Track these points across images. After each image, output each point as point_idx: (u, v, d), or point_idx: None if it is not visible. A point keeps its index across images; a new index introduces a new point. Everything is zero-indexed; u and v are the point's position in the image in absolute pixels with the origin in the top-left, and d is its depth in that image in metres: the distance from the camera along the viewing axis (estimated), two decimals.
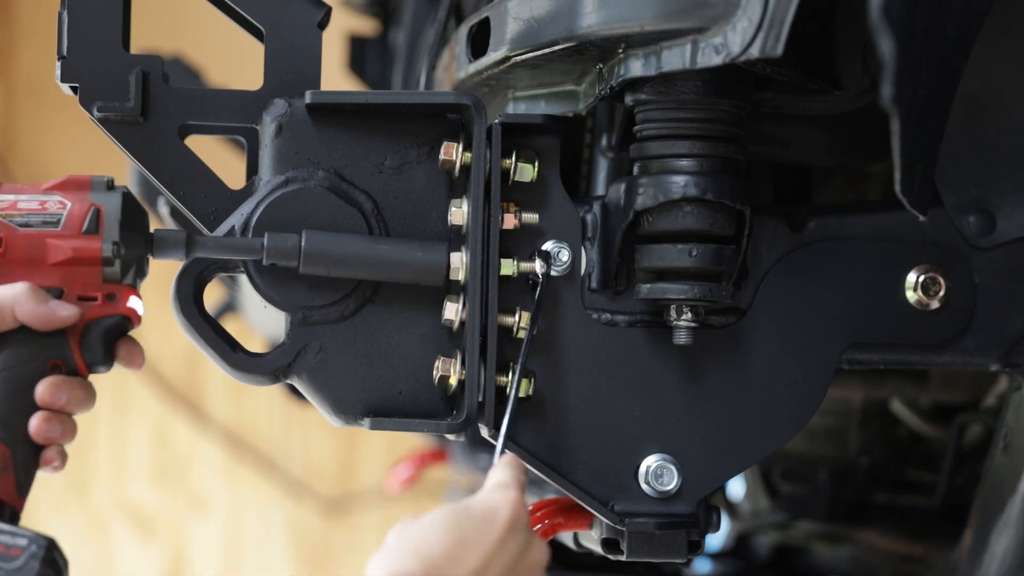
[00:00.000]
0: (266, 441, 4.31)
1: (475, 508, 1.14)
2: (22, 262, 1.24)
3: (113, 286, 1.26)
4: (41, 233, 1.24)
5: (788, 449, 2.17)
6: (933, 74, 1.20)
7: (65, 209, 1.24)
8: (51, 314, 1.23)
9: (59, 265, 1.24)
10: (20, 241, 1.24)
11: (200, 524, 4.26)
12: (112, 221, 1.25)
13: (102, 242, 1.24)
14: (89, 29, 1.32)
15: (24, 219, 1.24)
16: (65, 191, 1.26)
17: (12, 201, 1.24)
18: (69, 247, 1.24)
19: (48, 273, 1.24)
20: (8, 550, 1.19)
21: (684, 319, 1.33)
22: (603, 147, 1.60)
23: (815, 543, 2.35)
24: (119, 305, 1.27)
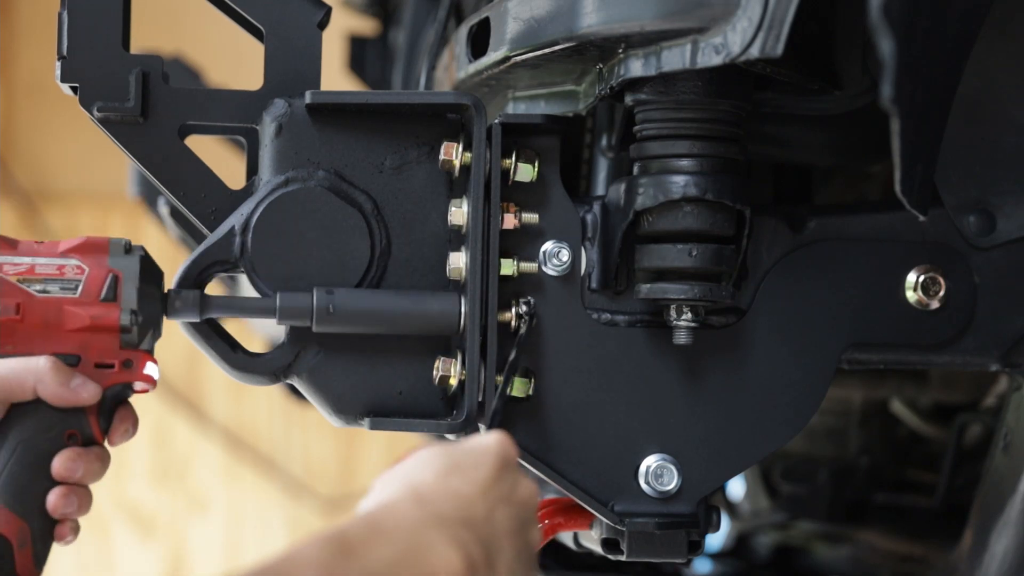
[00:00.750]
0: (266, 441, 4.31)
1: (464, 443, 1.10)
2: (39, 328, 1.22)
3: (130, 352, 1.25)
4: (59, 300, 1.23)
5: (788, 449, 2.17)
6: (933, 74, 1.20)
7: (83, 275, 1.23)
8: (74, 397, 1.23)
9: (76, 332, 1.23)
10: (38, 307, 1.22)
11: (200, 524, 4.27)
12: (130, 288, 1.24)
13: (120, 311, 1.23)
14: (89, 29, 1.32)
15: (42, 285, 1.22)
16: (83, 255, 1.24)
17: (29, 265, 1.23)
18: (87, 315, 1.23)
19: (65, 340, 1.23)
20: None
21: (684, 319, 1.33)
22: (603, 147, 1.60)
23: (815, 543, 2.36)
24: (136, 372, 1.26)
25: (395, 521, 0.97)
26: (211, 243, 1.32)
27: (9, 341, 1.22)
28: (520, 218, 1.34)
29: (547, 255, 1.36)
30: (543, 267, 1.36)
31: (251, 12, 1.35)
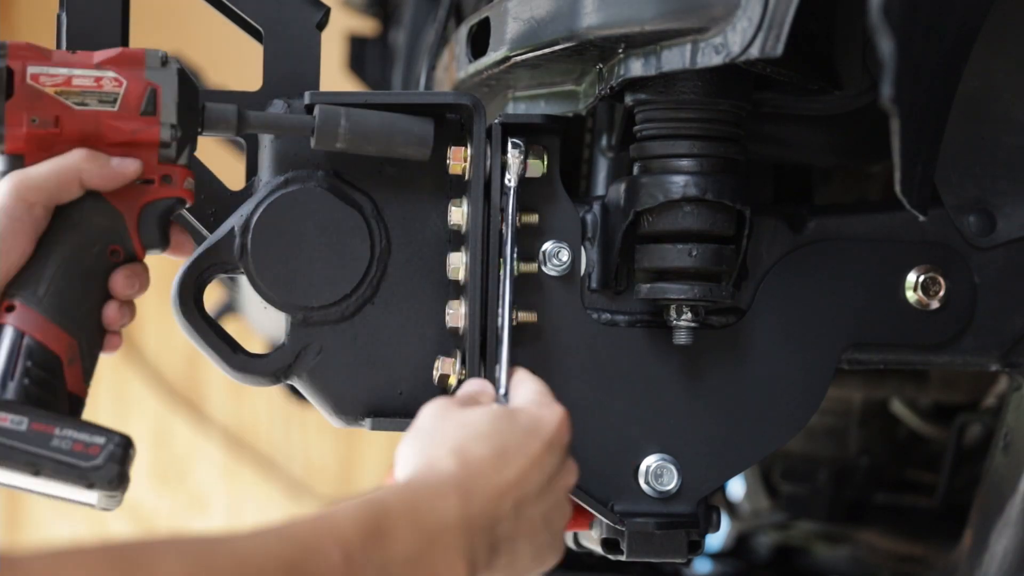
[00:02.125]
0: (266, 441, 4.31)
1: (521, 418, 1.11)
2: (77, 142, 1.20)
3: (169, 167, 1.24)
4: (97, 112, 1.20)
5: (788, 449, 2.17)
6: (933, 74, 1.20)
7: (121, 88, 1.20)
8: (119, 172, 1.21)
9: (115, 146, 1.21)
10: (76, 120, 1.20)
11: (200, 524, 4.26)
12: (169, 102, 1.21)
13: (159, 125, 1.21)
14: (88, 30, 1.32)
15: (80, 98, 1.20)
16: (119, 67, 1.21)
17: (66, 76, 1.20)
18: (127, 129, 1.21)
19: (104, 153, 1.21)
20: (87, 448, 1.17)
21: (684, 319, 1.33)
22: (603, 147, 1.60)
23: (815, 543, 2.36)
24: (176, 187, 1.25)
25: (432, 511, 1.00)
26: (211, 244, 1.32)
27: (47, 154, 1.20)
28: (520, 218, 1.34)
29: (547, 255, 1.36)
30: (543, 267, 1.36)
31: (250, 13, 1.35)
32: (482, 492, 1.05)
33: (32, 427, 1.16)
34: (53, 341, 1.20)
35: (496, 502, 1.05)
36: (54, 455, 1.16)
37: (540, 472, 1.09)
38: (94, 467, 1.17)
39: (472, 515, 1.03)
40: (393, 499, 1.00)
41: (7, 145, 1.19)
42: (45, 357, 1.20)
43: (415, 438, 1.10)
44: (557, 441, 1.12)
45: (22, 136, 1.19)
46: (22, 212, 1.18)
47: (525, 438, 1.09)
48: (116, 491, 1.19)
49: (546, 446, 1.10)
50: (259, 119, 1.28)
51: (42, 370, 1.19)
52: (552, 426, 1.12)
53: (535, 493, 1.09)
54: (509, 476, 1.07)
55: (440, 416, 1.12)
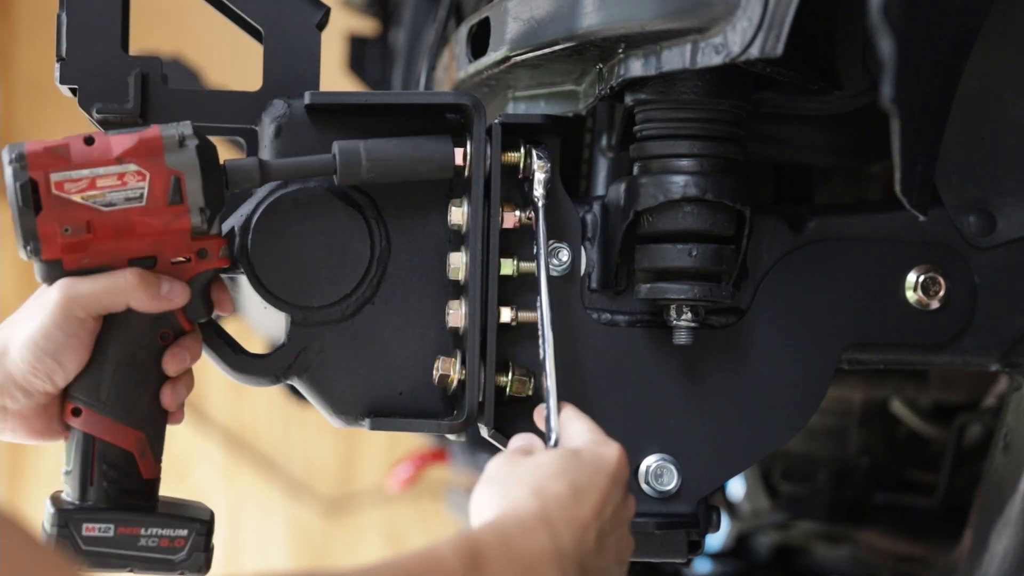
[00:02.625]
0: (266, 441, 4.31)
1: (585, 456, 1.15)
2: (111, 239, 1.21)
3: (202, 240, 1.25)
4: (127, 211, 1.21)
5: (788, 449, 2.17)
6: (933, 74, 1.20)
7: (145, 181, 1.21)
8: (167, 304, 1.24)
9: (149, 236, 1.22)
10: (107, 221, 1.21)
11: None
12: (194, 186, 1.22)
13: (188, 212, 1.22)
14: (88, 31, 1.32)
15: (106, 199, 1.20)
16: (139, 159, 1.21)
17: (89, 179, 1.20)
18: (158, 223, 1.22)
19: (139, 245, 1.23)
20: (172, 542, 1.25)
21: (684, 319, 1.33)
22: (603, 147, 1.60)
23: (815, 543, 2.36)
24: (212, 259, 1.26)
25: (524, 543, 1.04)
26: None
27: (84, 255, 1.21)
28: (520, 217, 1.34)
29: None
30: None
31: (250, 13, 1.35)
32: (567, 525, 1.08)
33: (119, 532, 1.23)
34: (123, 440, 1.25)
35: (582, 535, 1.09)
36: (143, 554, 1.24)
37: (611, 505, 1.14)
38: (182, 559, 1.25)
39: (562, 547, 1.06)
40: (487, 536, 1.04)
41: (44, 255, 1.21)
42: (119, 457, 1.25)
43: (490, 486, 1.13)
44: (620, 475, 1.16)
45: (58, 246, 1.21)
46: (75, 327, 1.22)
47: (594, 474, 1.13)
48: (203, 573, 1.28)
49: (612, 480, 1.14)
50: (281, 167, 1.29)
51: (118, 470, 1.25)
52: (614, 461, 1.16)
53: (610, 525, 1.13)
54: (587, 509, 1.11)
55: (510, 464, 1.14)
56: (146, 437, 1.26)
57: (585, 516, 1.10)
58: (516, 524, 1.06)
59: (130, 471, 1.25)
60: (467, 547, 1.01)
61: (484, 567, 1.00)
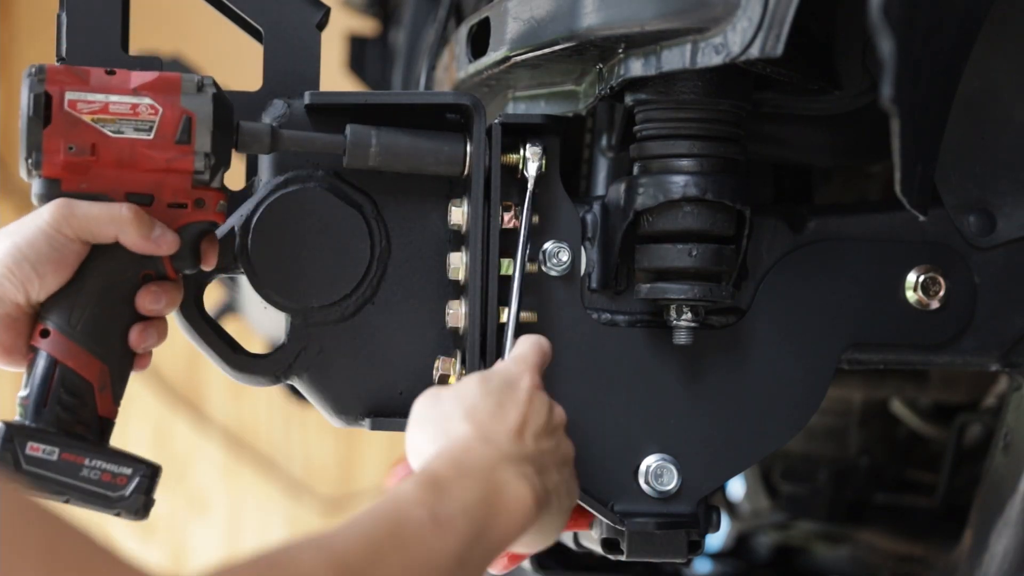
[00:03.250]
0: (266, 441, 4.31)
1: (497, 376, 1.19)
2: (113, 167, 1.21)
3: (202, 191, 1.24)
4: (133, 141, 1.21)
5: (788, 449, 2.17)
6: (933, 74, 1.20)
7: (157, 115, 1.21)
8: (155, 248, 1.23)
9: (150, 172, 1.22)
10: (112, 148, 1.21)
11: (200, 524, 4.27)
12: (203, 131, 1.22)
13: (194, 154, 1.22)
14: (88, 31, 1.32)
15: (116, 125, 1.20)
16: (156, 93, 1.21)
17: (103, 103, 1.20)
18: (162, 158, 1.21)
19: (139, 180, 1.22)
20: (115, 478, 1.22)
21: (684, 319, 1.33)
22: (603, 147, 1.60)
23: (815, 543, 2.35)
24: (208, 211, 1.25)
25: (473, 461, 1.10)
26: None
27: (84, 179, 1.21)
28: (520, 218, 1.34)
29: (547, 255, 1.36)
30: (543, 267, 1.36)
31: (250, 13, 1.35)
32: (502, 435, 1.14)
33: (63, 457, 1.20)
34: (85, 369, 1.23)
35: (517, 440, 1.15)
36: (83, 485, 1.21)
37: (536, 414, 1.17)
38: (121, 497, 1.22)
39: (503, 453, 1.12)
40: (437, 465, 1.09)
41: (44, 170, 1.21)
42: (77, 385, 1.23)
43: (422, 427, 1.17)
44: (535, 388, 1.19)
45: (59, 163, 1.20)
46: (62, 244, 1.21)
47: (509, 390, 1.18)
48: (141, 518, 1.23)
49: (529, 392, 1.18)
50: (293, 138, 1.29)
51: (74, 397, 1.23)
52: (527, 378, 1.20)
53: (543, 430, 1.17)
54: (516, 418, 1.16)
55: (433, 401, 1.18)
56: (108, 371, 1.24)
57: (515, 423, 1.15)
58: (460, 448, 1.12)
59: (86, 402, 1.23)
60: (426, 479, 1.05)
61: (448, 489, 1.04)
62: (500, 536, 1.08)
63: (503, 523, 1.08)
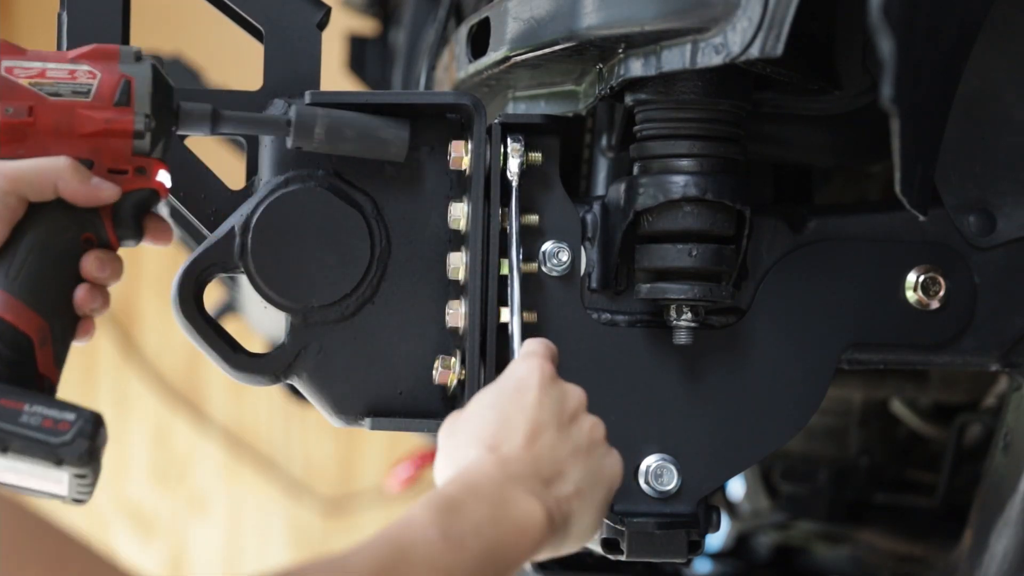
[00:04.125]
0: (266, 441, 4.31)
1: (506, 383, 1.18)
2: (51, 132, 1.20)
3: (143, 159, 1.23)
4: (72, 103, 1.20)
5: (788, 449, 2.17)
6: (933, 74, 1.20)
7: (95, 79, 1.20)
8: (94, 193, 1.21)
9: (89, 136, 1.21)
10: (50, 111, 1.20)
11: (200, 524, 4.26)
12: (143, 93, 1.21)
13: (134, 114, 1.21)
14: (88, 30, 1.32)
15: (54, 88, 1.20)
16: (93, 61, 1.21)
17: (40, 69, 1.20)
18: (101, 118, 1.20)
19: (78, 144, 1.21)
20: (56, 424, 1.15)
21: (684, 319, 1.33)
22: (603, 147, 1.60)
23: (815, 543, 2.35)
24: (149, 179, 1.24)
25: (483, 481, 1.09)
26: (211, 244, 1.32)
27: (21, 144, 1.20)
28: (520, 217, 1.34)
29: (547, 255, 1.36)
30: (543, 267, 1.36)
31: (251, 12, 1.35)
32: (512, 449, 1.13)
33: (1, 403, 1.14)
34: (24, 322, 1.19)
35: (527, 449, 1.13)
36: (23, 431, 1.13)
37: (546, 411, 1.16)
38: (63, 443, 1.14)
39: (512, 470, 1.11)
40: (447, 488, 1.08)
41: None
42: (15, 337, 1.18)
43: (441, 454, 1.17)
44: (544, 380, 1.17)
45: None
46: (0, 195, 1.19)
47: (518, 396, 1.16)
48: (86, 468, 1.15)
49: (539, 390, 1.16)
50: (234, 118, 1.27)
51: (12, 350, 1.18)
52: (534, 374, 1.18)
53: (557, 425, 1.16)
54: (524, 425, 1.14)
55: (449, 428, 1.18)
56: (49, 329, 1.19)
57: (522, 432, 1.14)
58: (471, 470, 1.11)
59: (25, 357, 1.18)
60: (438, 500, 1.05)
61: (459, 509, 1.05)
62: (514, 554, 1.07)
63: (515, 540, 1.07)
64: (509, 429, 1.14)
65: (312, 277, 1.33)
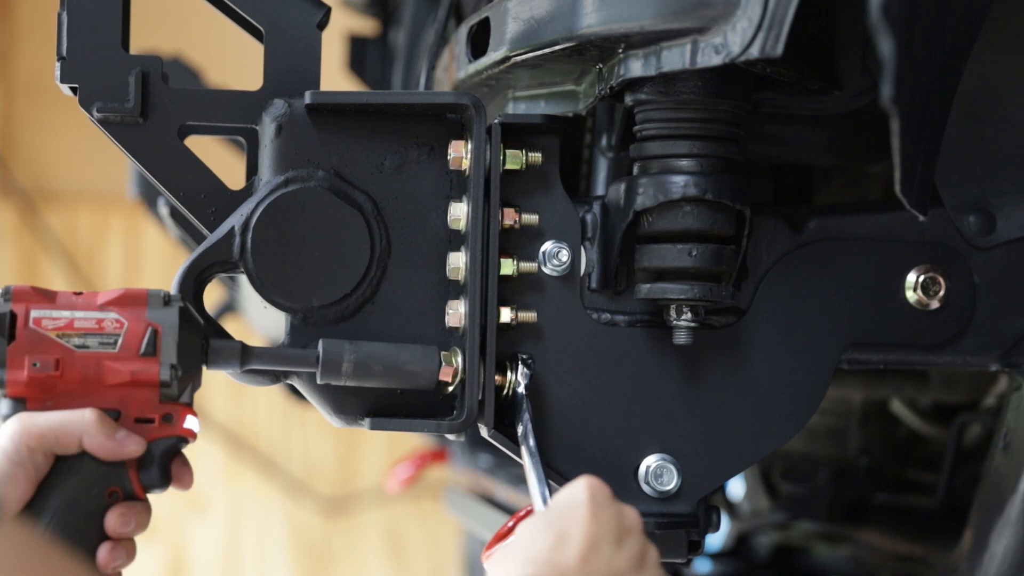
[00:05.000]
0: (266, 441, 4.31)
1: (555, 504, 1.16)
2: (78, 384, 1.21)
3: (170, 406, 1.24)
4: (98, 355, 1.22)
5: (788, 449, 2.17)
6: (933, 74, 1.20)
7: (122, 329, 1.22)
8: (119, 447, 1.22)
9: (116, 387, 1.22)
10: (77, 363, 1.21)
11: (200, 524, 4.26)
12: (169, 342, 1.23)
13: (159, 365, 1.22)
14: (88, 30, 1.32)
15: (81, 340, 1.21)
16: (121, 307, 1.23)
17: (68, 319, 1.22)
18: (127, 370, 1.22)
19: (105, 395, 1.22)
20: None
21: (684, 319, 1.33)
22: (603, 147, 1.60)
23: (815, 543, 2.35)
24: (176, 426, 1.25)
25: None
26: (211, 244, 1.32)
27: (49, 397, 1.21)
28: (520, 218, 1.34)
29: (547, 255, 1.36)
30: (543, 267, 1.36)
31: (251, 12, 1.35)
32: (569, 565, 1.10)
33: None
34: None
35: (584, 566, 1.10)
36: None
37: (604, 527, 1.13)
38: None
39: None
40: None
41: (8, 389, 1.20)
42: None
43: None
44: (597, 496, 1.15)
45: (23, 380, 1.20)
46: (23, 457, 1.19)
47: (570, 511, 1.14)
48: None
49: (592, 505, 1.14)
50: (263, 354, 1.30)
51: None
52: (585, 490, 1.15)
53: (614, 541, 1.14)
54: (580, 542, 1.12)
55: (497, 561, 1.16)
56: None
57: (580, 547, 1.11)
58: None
59: None
60: None
61: None
62: None
63: None
64: (562, 546, 1.11)
65: (312, 277, 1.33)
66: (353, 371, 1.29)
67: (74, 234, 4.29)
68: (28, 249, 4.19)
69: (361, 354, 1.30)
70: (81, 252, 4.28)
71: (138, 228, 4.18)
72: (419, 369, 1.30)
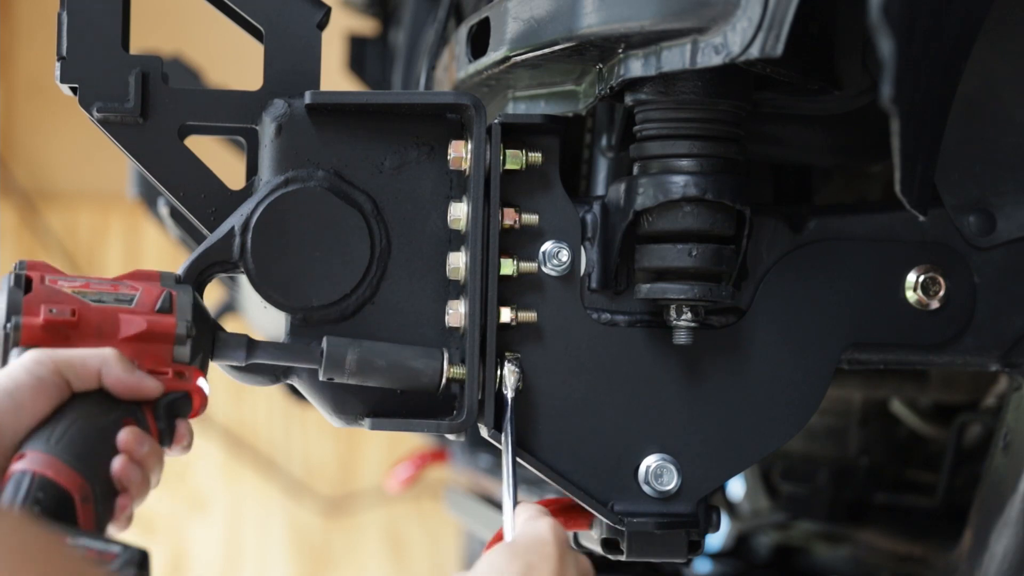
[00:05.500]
0: (266, 441, 4.31)
1: (522, 539, 1.16)
2: (94, 333, 1.21)
3: (182, 366, 1.25)
4: (115, 308, 1.22)
5: (788, 449, 2.17)
6: (933, 74, 1.20)
7: (137, 291, 1.24)
8: (138, 384, 1.21)
9: (131, 340, 1.22)
10: (93, 314, 1.22)
11: (200, 524, 4.27)
12: (185, 304, 1.24)
13: (176, 320, 1.23)
14: (88, 30, 1.32)
15: (97, 296, 1.22)
16: (134, 279, 1.25)
17: (83, 282, 1.23)
18: (143, 320, 1.22)
19: (119, 347, 1.22)
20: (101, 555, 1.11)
21: (684, 319, 1.33)
22: (603, 147, 1.60)
23: (815, 543, 2.36)
24: (188, 382, 1.25)
25: None
26: (211, 243, 1.32)
27: (64, 344, 1.20)
28: (520, 218, 1.34)
29: (547, 255, 1.36)
30: (543, 267, 1.36)
31: (251, 12, 1.35)
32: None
33: None
34: (65, 479, 1.14)
35: None
36: None
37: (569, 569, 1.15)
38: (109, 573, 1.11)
39: None
40: None
41: (24, 334, 1.20)
42: (56, 492, 1.14)
43: None
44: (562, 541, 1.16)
45: (39, 324, 1.20)
46: (43, 373, 1.17)
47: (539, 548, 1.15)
48: None
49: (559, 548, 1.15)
50: (268, 347, 1.31)
51: (53, 503, 1.13)
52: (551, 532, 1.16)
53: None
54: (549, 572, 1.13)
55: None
56: (91, 488, 1.15)
57: None
58: None
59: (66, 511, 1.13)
60: None
61: None
62: None
63: None
64: None
65: (312, 277, 1.33)
66: (356, 367, 1.30)
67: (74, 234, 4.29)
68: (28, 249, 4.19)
69: (364, 350, 1.30)
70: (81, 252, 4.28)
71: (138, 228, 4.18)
72: (423, 367, 1.30)
